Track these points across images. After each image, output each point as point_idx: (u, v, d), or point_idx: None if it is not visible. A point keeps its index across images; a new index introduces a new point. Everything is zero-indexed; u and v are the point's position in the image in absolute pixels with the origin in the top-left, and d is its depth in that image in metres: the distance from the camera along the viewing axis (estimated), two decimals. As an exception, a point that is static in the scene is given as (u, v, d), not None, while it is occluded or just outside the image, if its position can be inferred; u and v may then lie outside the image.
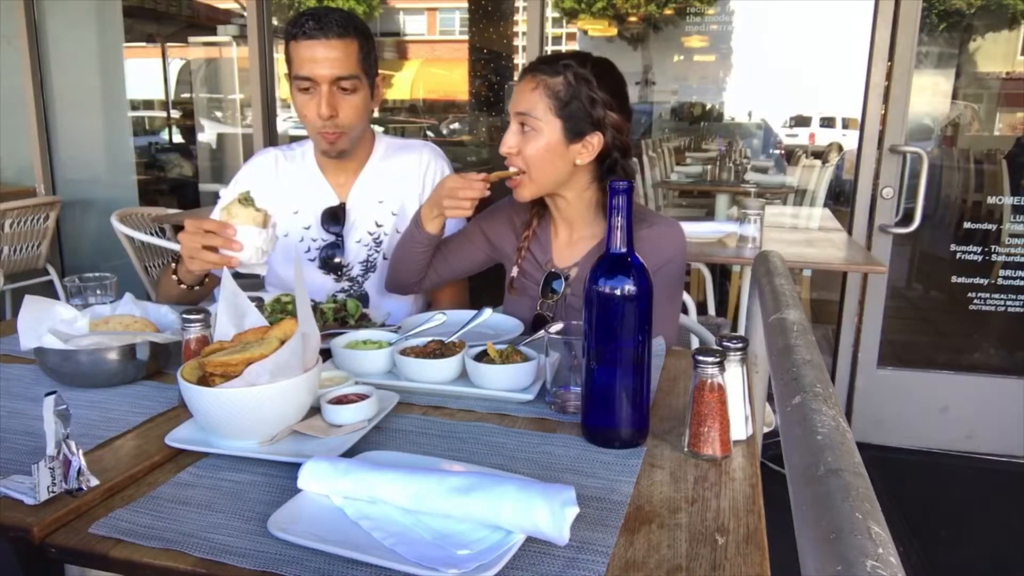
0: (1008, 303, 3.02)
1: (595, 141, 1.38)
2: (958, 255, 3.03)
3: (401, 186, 1.70)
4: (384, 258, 1.70)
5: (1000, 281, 3.01)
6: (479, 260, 1.60)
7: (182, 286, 1.49)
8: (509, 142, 1.38)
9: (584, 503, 0.78)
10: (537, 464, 0.90)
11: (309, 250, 1.69)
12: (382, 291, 1.70)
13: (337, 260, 1.69)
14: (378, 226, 1.69)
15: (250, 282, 1.86)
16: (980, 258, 3.02)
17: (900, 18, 2.76)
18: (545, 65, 1.37)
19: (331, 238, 1.68)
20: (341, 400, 0.99)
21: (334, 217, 1.68)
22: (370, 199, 1.69)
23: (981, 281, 3.03)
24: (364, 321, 1.40)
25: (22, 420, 1.00)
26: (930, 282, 3.32)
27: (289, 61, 1.53)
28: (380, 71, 1.67)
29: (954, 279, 3.05)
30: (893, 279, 3.07)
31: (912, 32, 2.77)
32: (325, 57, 1.48)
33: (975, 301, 3.04)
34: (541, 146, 1.36)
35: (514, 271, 1.53)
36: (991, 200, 3.05)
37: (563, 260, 1.49)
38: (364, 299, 1.69)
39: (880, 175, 2.92)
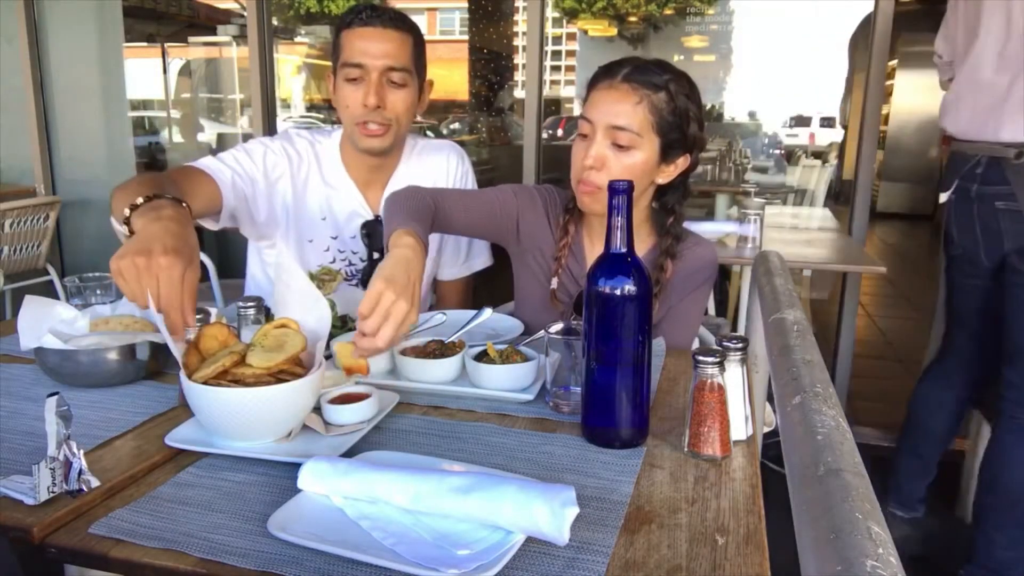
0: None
1: (681, 161, 1.33)
2: None
3: None
4: None
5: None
6: (493, 229, 1.48)
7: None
8: (595, 154, 1.28)
9: (584, 503, 0.78)
10: (537, 464, 0.90)
11: (335, 261, 1.62)
12: None
13: None
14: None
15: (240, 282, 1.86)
16: None
17: None
18: (643, 77, 1.27)
19: (366, 253, 1.61)
20: (341, 400, 0.99)
21: (371, 234, 1.60)
22: None
23: None
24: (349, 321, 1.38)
25: (22, 420, 1.00)
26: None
27: (339, 50, 1.49)
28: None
29: None
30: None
31: None
32: (379, 45, 1.45)
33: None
34: (637, 164, 1.28)
35: (554, 282, 1.44)
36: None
37: None
38: None
39: None
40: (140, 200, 1.09)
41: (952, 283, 2.20)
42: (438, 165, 1.69)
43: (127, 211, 1.09)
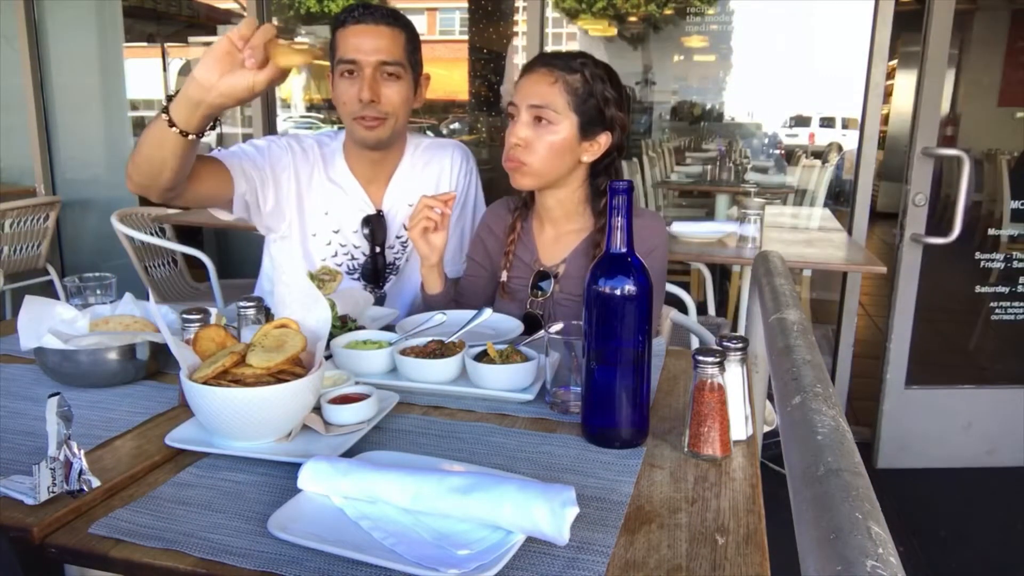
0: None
1: (603, 139, 1.41)
2: (980, 263, 2.91)
3: (432, 189, 1.68)
4: (407, 261, 1.69)
5: (1020, 289, 2.90)
6: (492, 284, 1.59)
7: (185, 136, 1.18)
8: (520, 133, 1.38)
9: (584, 503, 0.78)
10: (537, 464, 0.90)
11: (336, 255, 1.65)
12: (399, 293, 1.70)
13: (388, 275, 1.68)
14: (406, 229, 1.66)
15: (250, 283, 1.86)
16: (1000, 265, 2.90)
17: (934, 15, 2.65)
18: (560, 60, 1.38)
19: (368, 248, 1.64)
20: (341, 400, 0.99)
21: (372, 228, 1.64)
22: (402, 203, 1.66)
23: (1002, 290, 2.91)
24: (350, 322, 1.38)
25: (22, 420, 1.00)
26: (945, 292, 3.11)
27: (335, 48, 1.52)
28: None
29: (975, 289, 2.92)
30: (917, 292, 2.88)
31: (946, 29, 2.65)
32: (371, 41, 1.49)
33: (996, 311, 2.93)
34: (557, 140, 1.37)
35: (504, 275, 1.53)
36: (1014, 204, 2.94)
37: (550, 257, 1.50)
38: (382, 301, 1.68)
39: (911, 181, 2.80)
40: (164, 102, 1.19)
41: None
42: (442, 163, 1.71)
43: (164, 115, 1.17)
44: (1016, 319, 2.95)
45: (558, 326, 1.07)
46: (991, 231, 2.98)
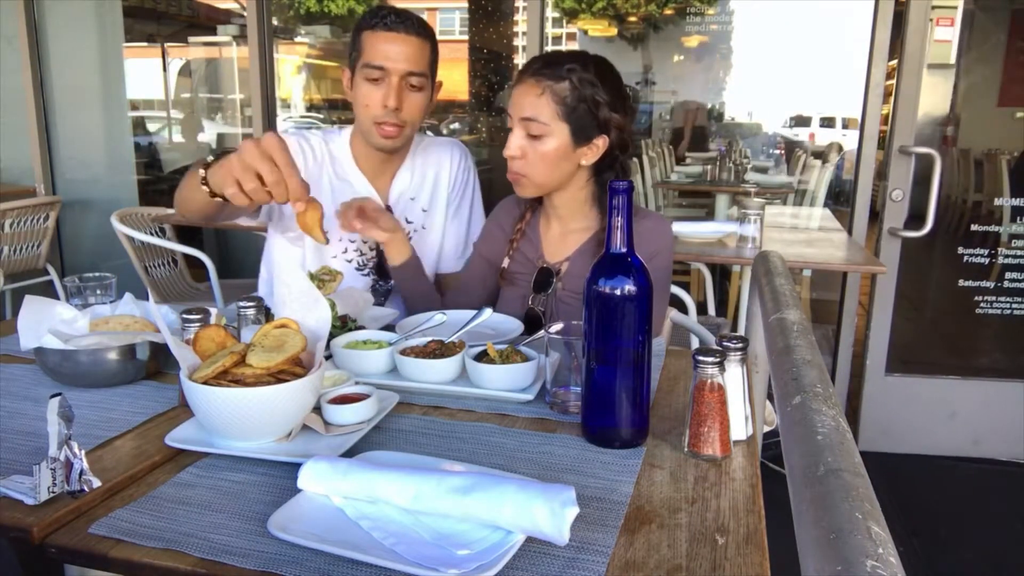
0: (1014, 307, 2.99)
1: (600, 143, 1.40)
2: (965, 258, 2.98)
3: (432, 184, 1.72)
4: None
5: (1006, 284, 2.98)
6: (494, 276, 1.60)
7: (214, 197, 1.25)
8: (514, 145, 1.39)
9: (584, 503, 0.78)
10: (537, 464, 0.90)
11: (347, 251, 1.67)
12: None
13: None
14: (408, 223, 1.70)
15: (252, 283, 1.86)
16: (986, 261, 2.97)
17: (910, 16, 2.73)
18: (548, 69, 1.36)
19: (375, 243, 1.66)
20: (341, 400, 0.99)
21: None
22: (404, 198, 1.70)
23: (987, 284, 2.98)
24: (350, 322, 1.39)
25: (22, 420, 1.00)
26: (933, 286, 3.25)
27: (359, 49, 1.53)
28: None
29: (961, 283, 3.00)
30: (896, 283, 3.02)
31: (923, 30, 2.74)
32: (402, 50, 1.50)
33: (981, 305, 3.01)
34: (549, 151, 1.37)
35: (505, 262, 1.54)
36: (997, 202, 3.01)
37: (554, 255, 1.50)
38: (387, 295, 1.71)
39: (889, 177, 2.88)
40: (210, 158, 1.22)
41: None
42: (441, 161, 1.74)
43: (202, 171, 1.21)
44: (1003, 314, 3.00)
45: (558, 326, 1.07)
46: (987, 228, 3.02)
